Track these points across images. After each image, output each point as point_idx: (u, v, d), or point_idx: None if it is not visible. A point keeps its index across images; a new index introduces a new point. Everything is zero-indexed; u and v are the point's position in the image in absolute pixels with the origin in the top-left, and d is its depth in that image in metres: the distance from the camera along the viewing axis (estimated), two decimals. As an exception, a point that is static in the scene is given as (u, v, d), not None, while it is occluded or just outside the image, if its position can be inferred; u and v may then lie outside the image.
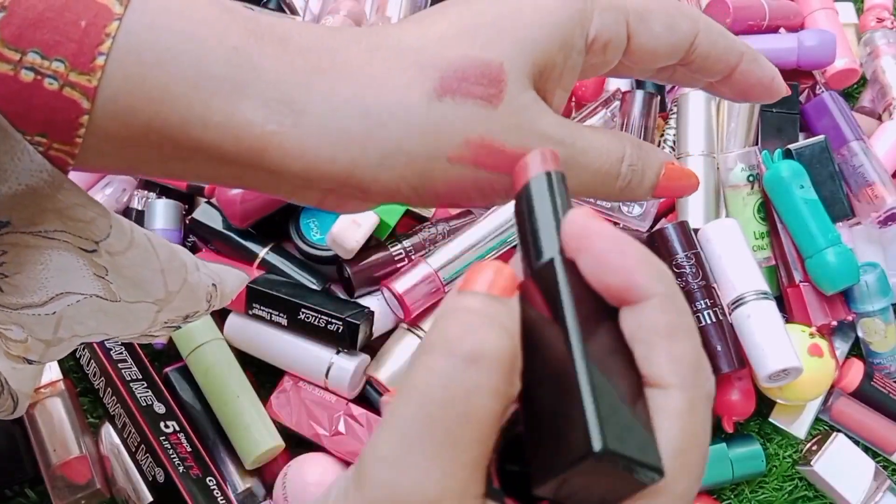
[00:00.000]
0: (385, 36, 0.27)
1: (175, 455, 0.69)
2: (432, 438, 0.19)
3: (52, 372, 0.72)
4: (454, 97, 0.25)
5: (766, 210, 0.79)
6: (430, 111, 0.25)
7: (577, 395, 0.19)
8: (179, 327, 0.49)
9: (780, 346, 0.71)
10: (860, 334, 0.80)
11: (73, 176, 0.28)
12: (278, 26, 0.26)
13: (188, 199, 0.79)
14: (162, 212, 0.76)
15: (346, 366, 0.71)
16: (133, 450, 0.70)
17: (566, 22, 0.26)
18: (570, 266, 0.22)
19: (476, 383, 0.19)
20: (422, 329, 0.74)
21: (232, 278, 0.53)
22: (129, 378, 0.72)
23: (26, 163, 0.26)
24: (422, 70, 0.26)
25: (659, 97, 0.82)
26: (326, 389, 0.73)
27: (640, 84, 0.85)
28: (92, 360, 0.73)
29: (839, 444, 0.77)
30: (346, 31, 0.27)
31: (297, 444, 0.76)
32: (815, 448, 0.78)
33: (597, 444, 0.18)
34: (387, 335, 0.76)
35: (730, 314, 0.74)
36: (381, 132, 0.25)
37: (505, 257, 0.74)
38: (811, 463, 0.76)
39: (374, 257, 0.74)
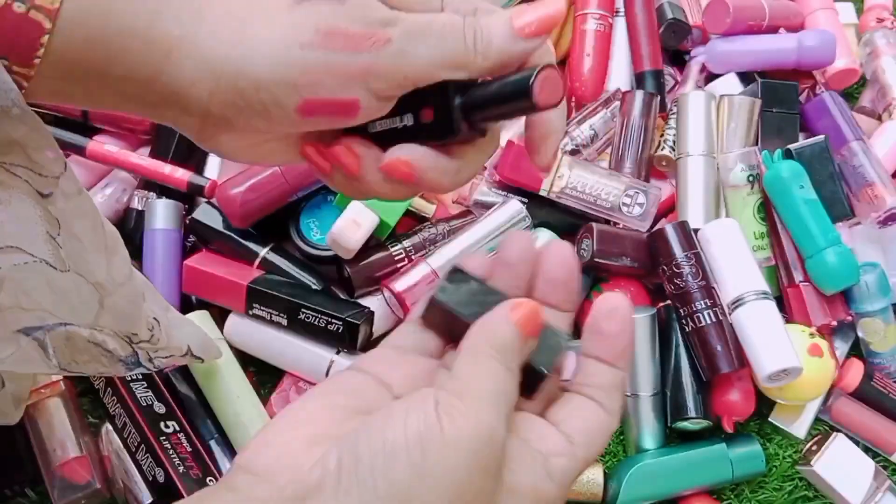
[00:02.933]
0: None
1: (175, 455, 0.69)
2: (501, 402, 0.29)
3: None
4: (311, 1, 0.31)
5: (766, 210, 0.79)
6: (290, 12, 0.31)
7: None
8: (137, 361, 0.49)
9: (779, 347, 0.71)
10: (860, 334, 0.80)
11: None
12: None
13: (188, 199, 0.79)
14: (162, 212, 0.76)
15: (346, 366, 0.71)
16: (133, 450, 0.70)
17: None
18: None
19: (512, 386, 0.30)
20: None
21: (194, 338, 0.54)
22: (129, 378, 0.72)
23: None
24: None
25: (659, 97, 0.82)
26: (326, 389, 0.73)
27: (639, 84, 0.85)
28: (92, 360, 0.73)
29: (839, 445, 0.77)
30: None
31: (297, 444, 0.76)
32: (815, 448, 0.78)
33: None
34: (387, 335, 0.76)
35: (730, 314, 0.74)
36: (250, 31, 0.31)
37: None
38: (811, 463, 0.76)
39: (374, 257, 0.74)
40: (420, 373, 0.33)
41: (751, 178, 0.78)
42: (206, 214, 0.76)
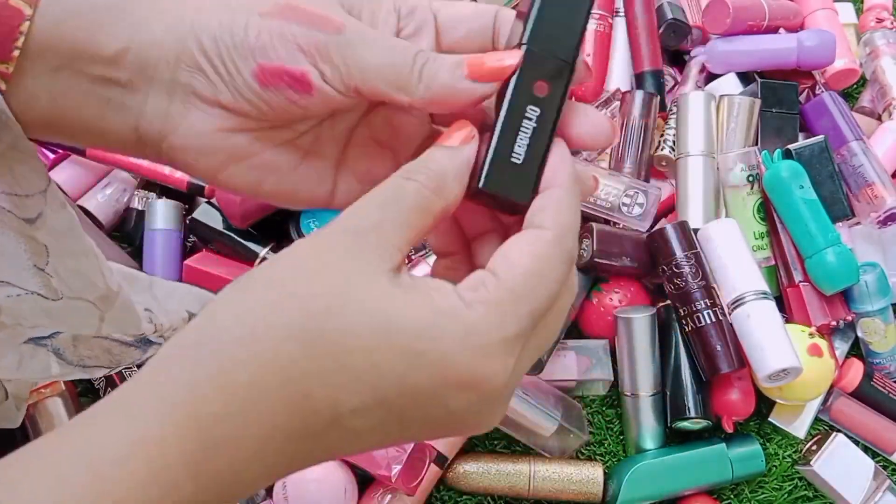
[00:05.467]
0: None
1: (175, 455, 0.69)
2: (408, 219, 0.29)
3: (53, 372, 0.72)
4: None
5: (766, 210, 0.79)
6: None
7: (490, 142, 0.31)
8: (147, 340, 0.48)
9: (779, 346, 0.71)
10: (860, 334, 0.80)
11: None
12: None
13: (188, 199, 0.79)
14: (162, 212, 0.76)
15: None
16: (133, 450, 0.70)
17: None
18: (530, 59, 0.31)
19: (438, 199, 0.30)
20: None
21: (190, 298, 0.54)
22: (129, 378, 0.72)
23: None
24: None
25: (658, 97, 0.82)
26: (326, 389, 0.73)
27: (639, 84, 0.85)
28: (92, 360, 0.73)
29: (839, 444, 0.77)
30: None
31: (297, 444, 0.76)
32: (814, 448, 0.78)
33: (481, 183, 0.30)
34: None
35: (730, 314, 0.74)
36: None
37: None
38: (811, 463, 0.76)
39: (374, 257, 0.74)
40: None
41: (750, 178, 0.79)
42: (205, 214, 0.76)
